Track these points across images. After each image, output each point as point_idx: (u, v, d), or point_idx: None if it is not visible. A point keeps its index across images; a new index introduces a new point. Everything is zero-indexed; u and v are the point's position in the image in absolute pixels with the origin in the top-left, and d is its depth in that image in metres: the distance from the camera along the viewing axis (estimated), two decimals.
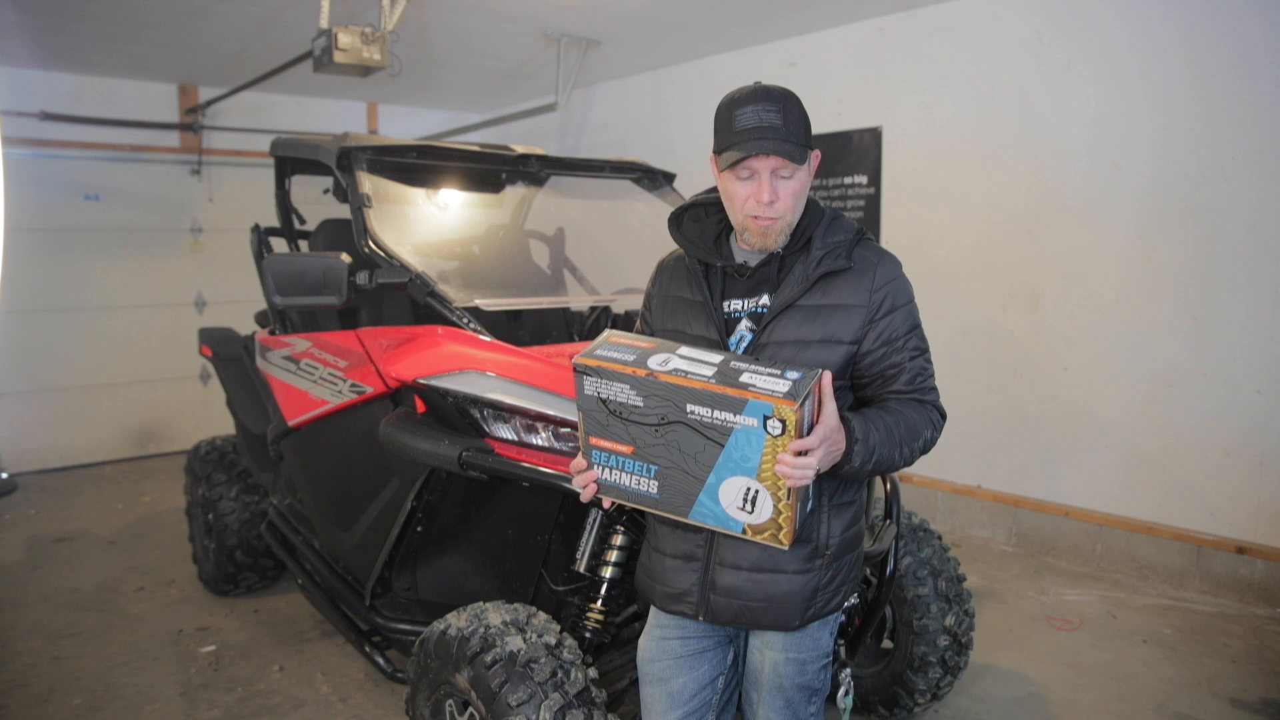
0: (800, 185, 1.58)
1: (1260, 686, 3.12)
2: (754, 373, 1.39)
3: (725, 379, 1.38)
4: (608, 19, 5.01)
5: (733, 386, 1.36)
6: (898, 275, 1.64)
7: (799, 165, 1.55)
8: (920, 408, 1.61)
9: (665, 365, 1.42)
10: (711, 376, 1.38)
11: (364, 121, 7.75)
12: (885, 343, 1.60)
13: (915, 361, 1.62)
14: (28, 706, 3.05)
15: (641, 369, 1.42)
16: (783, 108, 1.55)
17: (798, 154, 1.53)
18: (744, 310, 1.66)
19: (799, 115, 1.57)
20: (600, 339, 1.52)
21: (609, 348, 1.48)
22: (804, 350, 1.58)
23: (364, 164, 2.86)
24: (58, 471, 6.29)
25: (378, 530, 2.64)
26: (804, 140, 1.56)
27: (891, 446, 1.54)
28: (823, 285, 1.60)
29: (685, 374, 1.40)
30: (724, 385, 1.37)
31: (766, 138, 1.52)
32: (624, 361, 1.44)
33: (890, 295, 1.61)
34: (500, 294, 3.16)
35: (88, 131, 6.27)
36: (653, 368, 1.42)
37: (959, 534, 4.79)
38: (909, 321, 1.63)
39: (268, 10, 4.70)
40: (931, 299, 4.70)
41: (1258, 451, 3.75)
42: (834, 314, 1.59)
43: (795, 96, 1.59)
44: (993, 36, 4.48)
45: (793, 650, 1.67)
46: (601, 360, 1.45)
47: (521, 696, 1.88)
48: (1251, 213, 3.70)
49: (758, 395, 1.34)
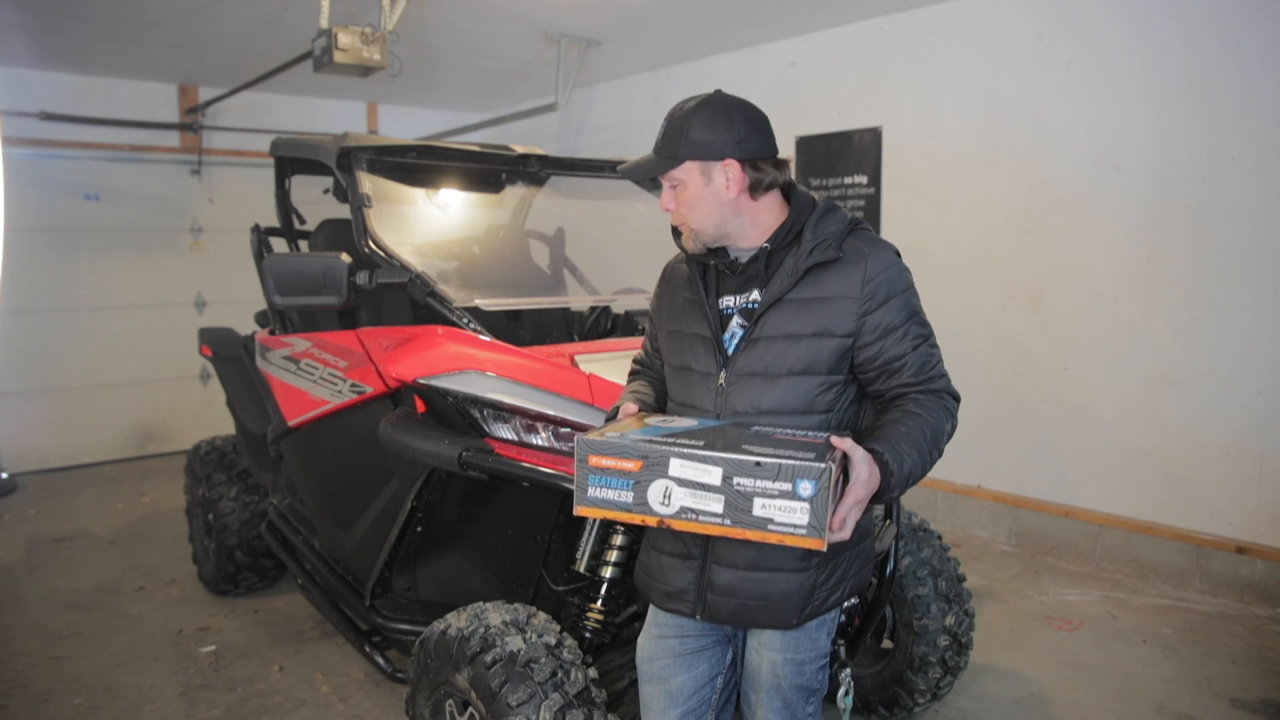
0: (688, 193, 1.62)
1: (1260, 686, 3.12)
2: (765, 496, 1.31)
3: (739, 516, 1.33)
4: (608, 19, 5.01)
5: (753, 529, 1.33)
6: (892, 263, 1.61)
7: (671, 170, 1.62)
8: (935, 401, 1.58)
9: (670, 506, 1.37)
10: (724, 514, 1.34)
11: (364, 121, 7.75)
12: (883, 335, 1.57)
13: (920, 350, 1.58)
14: (28, 706, 3.05)
15: (651, 517, 1.38)
16: (667, 123, 1.64)
17: (654, 163, 1.63)
18: (735, 306, 1.66)
19: (678, 130, 1.61)
20: (577, 456, 1.43)
21: (597, 480, 1.41)
22: (795, 345, 1.57)
23: (364, 164, 2.86)
24: (58, 471, 6.29)
25: (378, 530, 2.64)
26: (673, 151, 1.60)
27: (923, 461, 1.52)
28: (813, 278, 1.59)
29: (697, 516, 1.36)
30: (744, 529, 1.33)
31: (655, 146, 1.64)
32: (627, 508, 1.40)
33: (884, 285, 1.57)
34: (500, 294, 3.16)
35: (88, 131, 6.27)
36: (662, 514, 1.37)
37: (959, 534, 4.79)
38: (906, 309, 1.59)
39: (268, 10, 4.70)
40: (931, 299, 4.67)
41: (1258, 451, 3.75)
42: (825, 307, 1.57)
43: (684, 115, 1.61)
44: (993, 36, 4.48)
45: (790, 650, 1.67)
46: (604, 510, 1.41)
47: (521, 696, 1.88)
48: (1251, 213, 3.70)
49: (782, 538, 1.31)
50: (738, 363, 1.61)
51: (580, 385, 2.29)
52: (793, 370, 1.58)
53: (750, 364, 1.60)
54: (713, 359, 1.65)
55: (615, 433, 1.45)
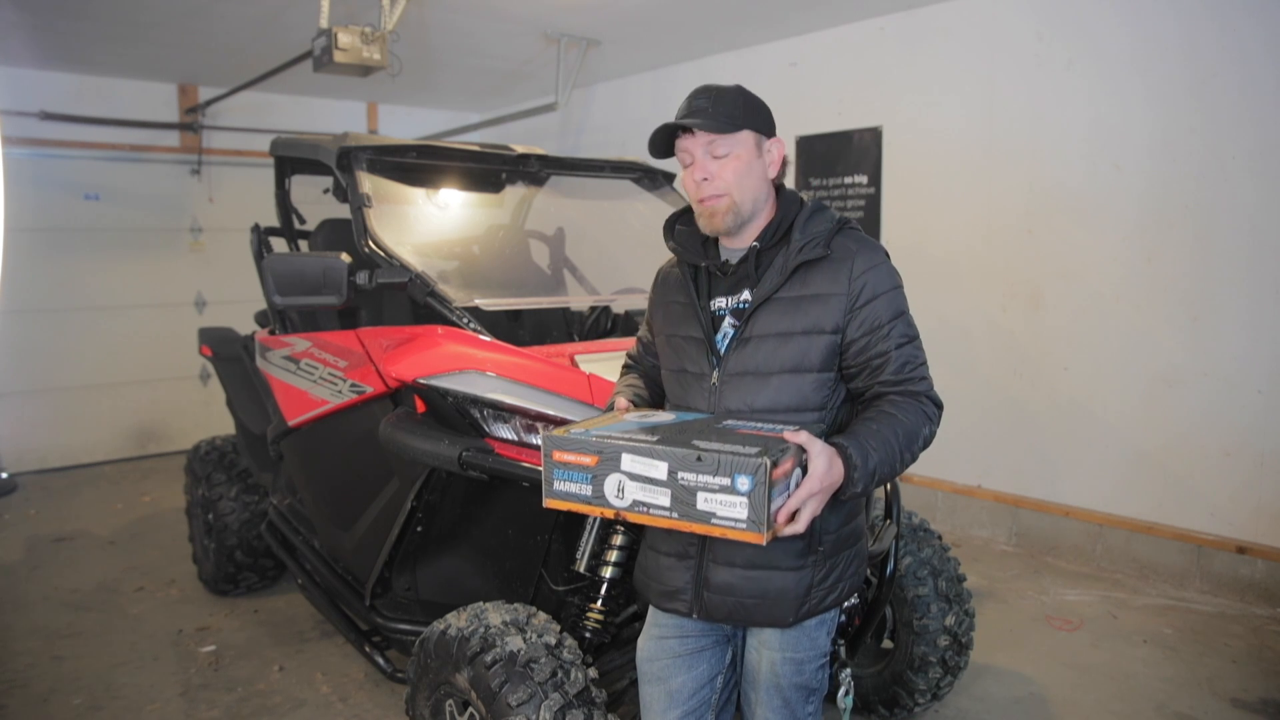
0: (739, 162, 1.60)
1: (1261, 686, 3.12)
2: (707, 490, 1.34)
3: (685, 510, 1.36)
4: (608, 19, 5.01)
5: (698, 523, 1.36)
6: (879, 262, 1.61)
7: (725, 136, 1.58)
8: (914, 403, 1.57)
9: (624, 499, 1.41)
10: (671, 508, 1.37)
11: (364, 121, 7.75)
12: (869, 331, 1.57)
13: (903, 349, 1.58)
14: (28, 706, 3.05)
15: (608, 509, 1.43)
16: (715, 94, 1.61)
17: (712, 125, 1.57)
18: (727, 307, 1.67)
19: (734, 100, 1.61)
20: (544, 450, 1.48)
21: (561, 474, 1.46)
22: (786, 343, 1.58)
23: (364, 164, 2.86)
24: (58, 471, 6.29)
25: (378, 530, 2.64)
26: (736, 116, 1.59)
27: (892, 459, 1.51)
28: (801, 276, 1.60)
29: (648, 509, 1.39)
30: (690, 522, 1.36)
31: (685, 117, 1.59)
32: (586, 500, 1.44)
33: (870, 282, 1.58)
34: (500, 294, 3.16)
35: (88, 131, 6.27)
36: (617, 506, 1.42)
37: (959, 534, 4.79)
38: (892, 308, 1.59)
39: (268, 10, 4.71)
40: (931, 299, 4.72)
41: (1258, 451, 3.75)
42: (814, 304, 1.58)
43: (735, 90, 1.63)
44: (993, 36, 4.48)
45: (790, 650, 1.67)
46: (568, 503, 1.46)
47: (521, 696, 1.88)
48: (1251, 213, 3.70)
49: (724, 531, 1.34)
50: (730, 362, 1.62)
51: (580, 385, 2.29)
52: (784, 368, 1.58)
53: (742, 363, 1.61)
54: (705, 360, 1.65)
55: (581, 429, 1.50)
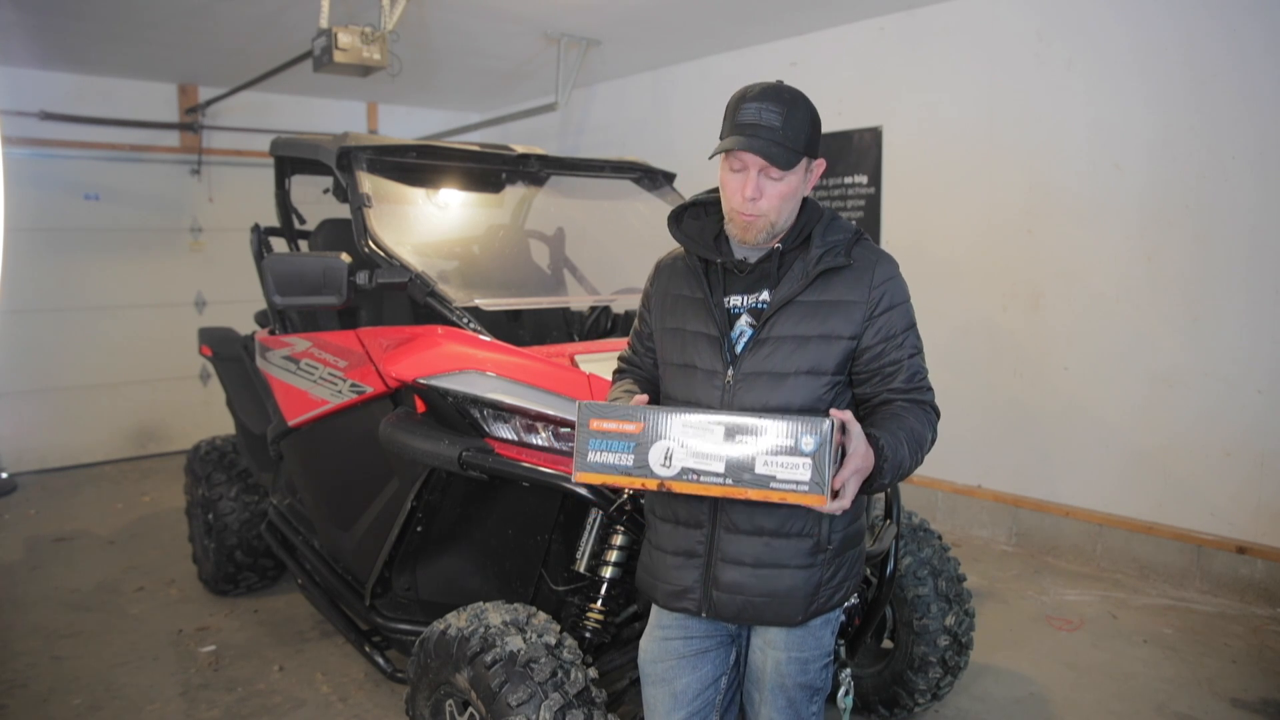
0: (789, 189, 1.59)
1: (1261, 686, 3.12)
2: (769, 459, 1.33)
3: (740, 475, 1.34)
4: (608, 19, 5.01)
5: (755, 488, 1.34)
6: (895, 274, 1.66)
7: (786, 170, 1.55)
8: (920, 411, 1.62)
9: (671, 468, 1.38)
10: (725, 474, 1.35)
11: (364, 121, 7.75)
12: (884, 339, 1.62)
13: (914, 360, 1.64)
14: (28, 706, 3.05)
15: (651, 480, 1.39)
16: (787, 111, 1.55)
17: (782, 158, 1.54)
18: (744, 306, 1.67)
19: (803, 120, 1.57)
20: (579, 421, 1.44)
21: (598, 444, 1.43)
22: (804, 346, 1.60)
23: (364, 164, 2.86)
24: (58, 471, 6.29)
25: (378, 530, 2.64)
26: (800, 146, 1.56)
27: (910, 457, 1.56)
28: (822, 282, 1.62)
29: (698, 476, 1.37)
30: (744, 488, 1.34)
31: (759, 136, 1.53)
32: (627, 471, 1.41)
33: (889, 292, 1.63)
34: (500, 294, 3.16)
35: (88, 131, 6.27)
36: (662, 476, 1.38)
37: (959, 534, 4.79)
38: (906, 319, 1.65)
39: (268, 10, 4.70)
40: (931, 299, 4.72)
41: (1258, 451, 3.75)
42: (834, 310, 1.61)
43: (805, 102, 1.60)
44: (993, 36, 4.48)
45: (795, 649, 1.68)
46: (604, 475, 1.43)
47: (521, 696, 1.88)
48: (1251, 213, 3.70)
49: (784, 495, 1.33)
50: (746, 362, 1.62)
51: (580, 385, 2.29)
52: (800, 370, 1.60)
53: (759, 363, 1.61)
54: (719, 357, 1.64)
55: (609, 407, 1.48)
